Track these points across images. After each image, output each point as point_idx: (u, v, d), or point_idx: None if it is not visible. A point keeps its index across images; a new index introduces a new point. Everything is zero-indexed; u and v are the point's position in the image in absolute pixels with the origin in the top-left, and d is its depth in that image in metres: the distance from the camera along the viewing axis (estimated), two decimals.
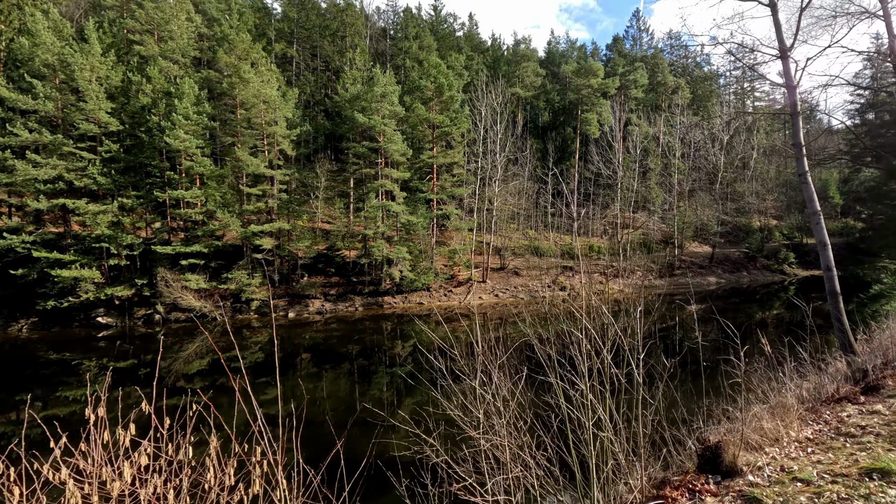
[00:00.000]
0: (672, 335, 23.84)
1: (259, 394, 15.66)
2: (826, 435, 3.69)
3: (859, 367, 9.33)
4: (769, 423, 3.67)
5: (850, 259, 30.87)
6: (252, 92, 27.54)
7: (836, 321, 11.40)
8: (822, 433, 3.75)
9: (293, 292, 30.24)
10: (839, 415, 4.22)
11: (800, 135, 11.81)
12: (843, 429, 3.76)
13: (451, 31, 52.55)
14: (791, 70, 11.98)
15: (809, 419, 4.19)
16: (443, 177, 32.89)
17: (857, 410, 4.26)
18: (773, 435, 3.58)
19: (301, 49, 40.95)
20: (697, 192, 46.90)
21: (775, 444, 3.50)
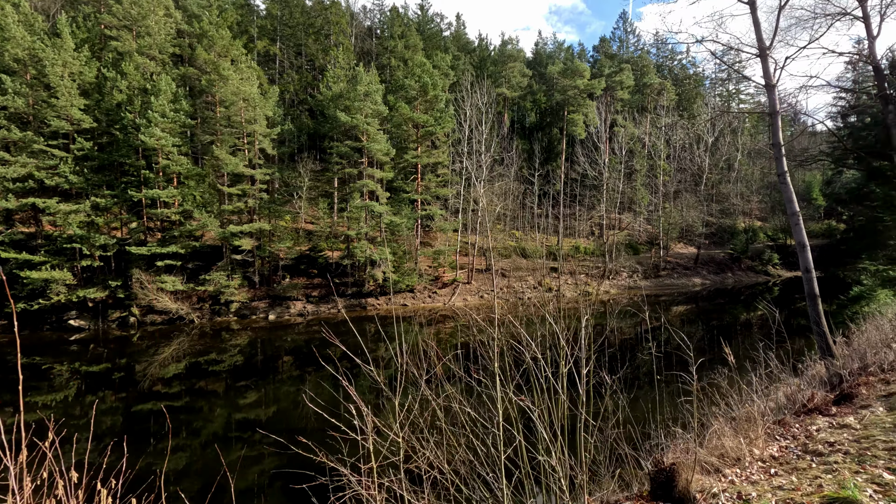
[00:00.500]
0: (646, 340, 23.67)
1: (238, 397, 15.14)
2: (793, 453, 3.40)
3: (837, 371, 9.13)
4: (731, 440, 3.38)
5: (831, 260, 31.07)
6: (231, 89, 26.96)
7: (814, 324, 11.23)
8: (789, 450, 3.46)
9: (274, 294, 29.68)
10: (809, 428, 3.94)
11: (779, 135, 11.64)
12: (811, 445, 3.48)
13: (437, 31, 52.24)
14: (770, 69, 11.81)
15: (777, 433, 3.91)
16: (427, 177, 32.53)
17: (828, 423, 3.99)
18: (735, 454, 3.29)
19: (285, 47, 40.34)
20: (683, 193, 47.06)
21: (736, 465, 3.20)
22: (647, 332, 24.44)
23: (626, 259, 40.90)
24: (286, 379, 18.43)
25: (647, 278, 40.22)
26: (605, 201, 40.16)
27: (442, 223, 32.75)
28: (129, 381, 18.18)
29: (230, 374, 18.79)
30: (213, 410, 14.77)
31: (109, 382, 18.13)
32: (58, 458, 2.34)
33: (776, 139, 11.66)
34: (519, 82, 47.28)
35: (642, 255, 44.13)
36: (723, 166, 50.80)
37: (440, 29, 52.73)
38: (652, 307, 34.05)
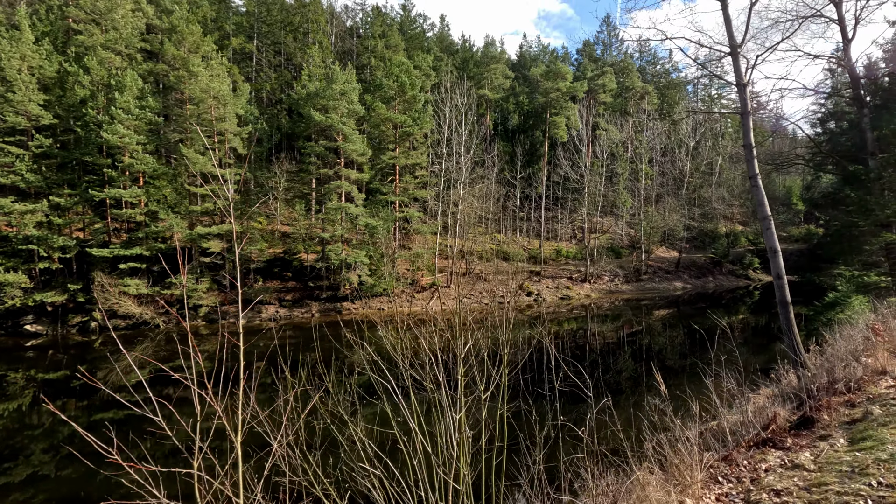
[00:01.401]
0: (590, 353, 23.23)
1: (206, 405, 14.39)
2: (732, 503, 2.86)
3: (806, 384, 8.67)
4: (659, 490, 2.81)
5: (808, 265, 31.08)
6: (201, 86, 26.08)
7: (786, 333, 10.81)
8: (730, 499, 2.92)
9: (245, 298, 28.74)
10: (757, 467, 3.41)
11: (750, 135, 11.23)
12: (755, 494, 2.94)
13: (421, 32, 51.71)
14: (742, 68, 11.41)
15: (721, 474, 3.37)
16: (405, 178, 31.88)
17: (780, 461, 3.46)
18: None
19: (263, 45, 39.47)
20: (665, 197, 47.03)
21: None
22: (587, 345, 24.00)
23: (606, 263, 40.65)
24: (258, 386, 17.69)
25: (628, 282, 39.99)
26: (587, 205, 39.86)
27: (419, 226, 32.12)
28: (89, 389, 17.45)
29: (198, 382, 18.07)
30: (180, 418, 14.12)
31: (68, 390, 17.39)
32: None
33: (747, 140, 11.25)
34: (501, 84, 46.90)
35: (624, 259, 43.94)
36: (704, 170, 50.95)
37: (423, 30, 52.22)
38: (633, 311, 33.80)
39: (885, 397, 4.54)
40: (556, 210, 46.21)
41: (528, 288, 35.82)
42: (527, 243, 43.98)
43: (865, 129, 16.82)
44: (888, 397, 4.52)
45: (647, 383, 15.62)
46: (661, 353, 21.03)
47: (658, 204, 46.54)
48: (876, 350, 6.17)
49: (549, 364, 19.55)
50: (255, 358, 20.11)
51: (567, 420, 4.89)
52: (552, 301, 35.60)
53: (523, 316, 31.68)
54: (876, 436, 3.46)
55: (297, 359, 20.98)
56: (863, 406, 4.41)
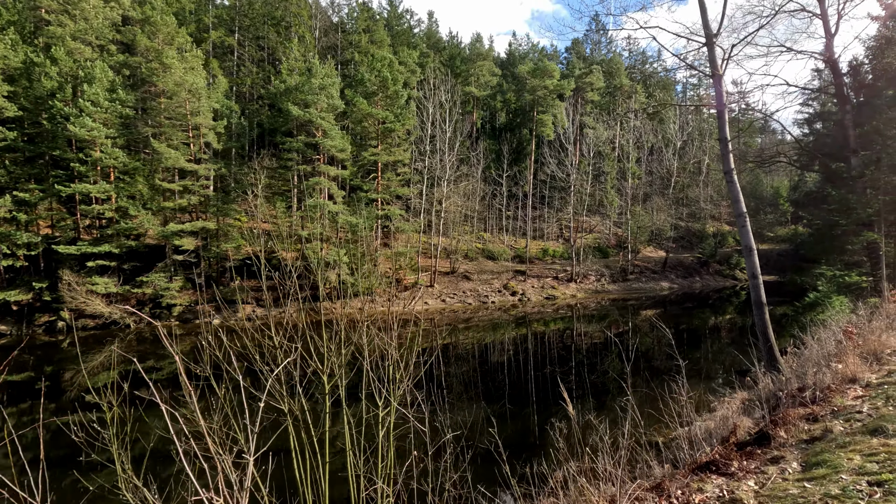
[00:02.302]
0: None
1: (179, 407, 13.65)
2: None
3: (776, 391, 8.22)
4: None
5: (791, 265, 30.88)
6: (175, 79, 25.31)
7: (760, 334, 10.38)
8: None
9: (220, 296, 27.98)
10: (690, 500, 2.92)
11: (725, 129, 10.78)
12: None
13: (408, 29, 51.09)
14: (717, 59, 10.95)
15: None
16: (387, 175, 31.26)
17: (718, 492, 2.96)
18: None
19: (245, 39, 38.64)
20: (652, 196, 46.78)
21: None
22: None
23: (592, 262, 40.28)
24: (232, 388, 17.10)
25: (614, 282, 39.65)
26: (574, 203, 39.46)
27: (401, 224, 31.52)
28: (55, 391, 16.84)
29: (171, 382, 17.49)
30: (150, 422, 13.57)
31: (33, 392, 16.73)
32: None
33: (723, 134, 10.80)
34: (488, 81, 46.41)
35: (611, 259, 43.63)
36: (691, 170, 50.79)
37: (411, 26, 51.60)
38: (620, 311, 33.43)
39: (850, 410, 4.06)
40: (543, 209, 45.79)
41: (513, 287, 35.35)
42: (514, 242, 43.54)
43: (848, 127, 16.48)
44: (853, 410, 4.04)
45: (614, 392, 15.17)
46: (647, 355, 20.62)
47: (645, 203, 46.29)
48: (847, 355, 5.71)
49: (529, 366, 19.07)
50: (232, 358, 19.23)
51: (497, 435, 4.36)
52: (537, 301, 35.15)
53: (508, 316, 31.21)
54: (832, 461, 2.98)
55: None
56: (825, 421, 3.94)
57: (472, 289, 34.58)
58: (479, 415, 11.67)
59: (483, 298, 33.80)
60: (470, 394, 15.03)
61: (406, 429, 3.94)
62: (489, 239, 42.98)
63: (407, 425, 3.89)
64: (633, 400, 4.02)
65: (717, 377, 14.30)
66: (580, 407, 13.26)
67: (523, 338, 24.69)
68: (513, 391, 15.38)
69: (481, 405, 13.50)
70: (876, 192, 14.86)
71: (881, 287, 15.18)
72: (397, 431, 4.00)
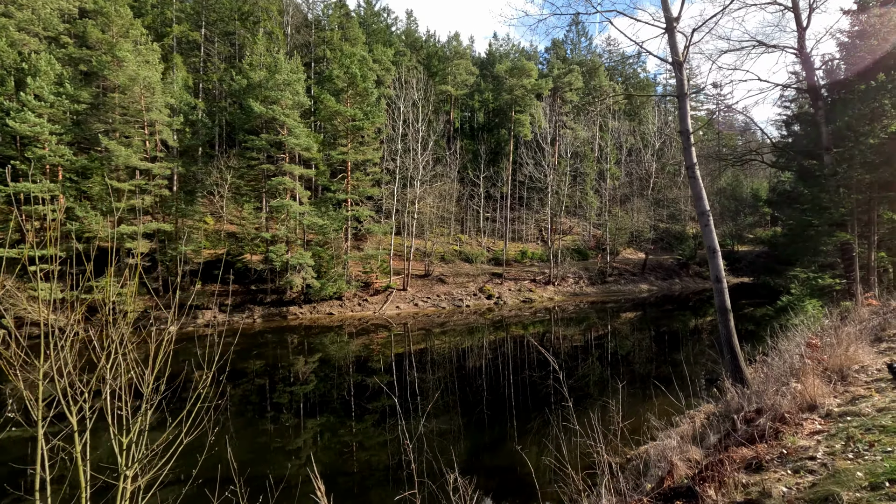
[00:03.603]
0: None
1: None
2: None
3: (738, 406, 7.38)
4: None
5: (764, 267, 30.46)
6: (128, 74, 23.99)
7: (725, 343, 9.55)
8: None
9: (180, 302, 26.61)
10: None
11: (687, 120, 9.96)
12: None
13: (385, 27, 50.09)
14: (678, 45, 10.15)
15: None
16: (356, 175, 30.17)
17: None
18: None
19: (213, 35, 37.29)
20: (632, 198, 46.35)
21: None
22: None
23: (570, 264, 39.59)
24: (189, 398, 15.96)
25: (593, 284, 39.00)
26: (551, 205, 38.76)
27: (371, 225, 30.43)
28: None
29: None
30: (100, 437, 12.42)
31: None
32: None
33: (684, 126, 9.98)
34: (465, 80, 45.61)
35: (590, 261, 43.03)
36: (670, 171, 50.51)
37: (388, 24, 50.61)
38: (598, 314, 32.72)
39: (801, 455, 3.22)
40: (521, 210, 45.06)
41: (489, 291, 34.46)
42: (492, 244, 42.70)
43: (821, 123, 15.88)
44: (805, 455, 3.19)
45: (594, 396, 14.32)
46: (628, 358, 19.84)
47: (625, 205, 45.82)
48: (807, 375, 4.87)
49: (506, 371, 18.12)
50: (192, 367, 17.68)
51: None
52: (513, 304, 34.31)
53: (484, 320, 30.30)
54: None
55: (237, 367, 19.31)
56: (769, 470, 3.08)
57: (447, 292, 33.61)
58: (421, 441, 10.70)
59: (458, 302, 32.85)
60: (435, 403, 14.04)
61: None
62: (467, 241, 42.08)
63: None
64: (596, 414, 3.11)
65: (692, 383, 13.53)
66: (557, 415, 12.37)
67: (499, 342, 23.78)
68: (473, 403, 14.42)
69: (436, 422, 12.53)
70: (849, 191, 14.25)
71: (855, 290, 14.56)
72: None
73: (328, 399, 15.61)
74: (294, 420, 13.58)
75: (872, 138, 13.41)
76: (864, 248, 15.61)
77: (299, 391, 16.57)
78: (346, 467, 10.51)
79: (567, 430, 6.58)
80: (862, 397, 4.15)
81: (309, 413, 14.26)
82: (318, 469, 10.80)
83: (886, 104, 13.84)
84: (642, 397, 14.43)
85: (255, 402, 15.48)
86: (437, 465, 9.25)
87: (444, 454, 10.17)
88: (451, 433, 11.69)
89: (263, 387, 17.12)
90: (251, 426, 13.04)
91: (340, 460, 10.91)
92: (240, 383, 17.32)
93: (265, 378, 18.10)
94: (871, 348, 6.38)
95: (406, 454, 2.97)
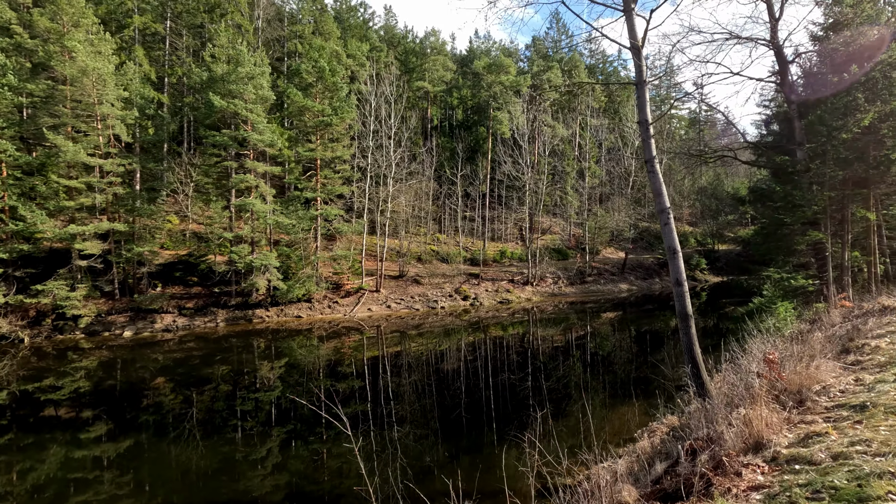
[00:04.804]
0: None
1: (82, 430, 11.15)
2: None
3: (688, 431, 6.62)
4: None
5: (738, 267, 30.09)
6: (78, 65, 22.65)
7: (686, 352, 8.78)
8: None
9: (136, 306, 25.36)
10: None
11: (646, 110, 9.17)
12: None
13: (363, 22, 48.95)
14: (636, 28, 9.36)
15: None
16: (324, 172, 29.09)
17: None
18: None
19: (180, 27, 35.85)
20: (612, 196, 45.88)
21: None
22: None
23: (548, 264, 38.94)
24: (149, 406, 15.04)
25: (572, 284, 38.39)
26: (529, 204, 38.05)
27: (340, 224, 29.39)
28: None
29: (75, 403, 15.18)
30: (46, 448, 11.71)
31: None
32: None
33: (643, 116, 9.19)
34: (442, 76, 44.69)
35: (569, 261, 42.45)
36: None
37: (365, 20, 49.48)
38: (578, 315, 32.03)
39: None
40: (500, 210, 44.31)
41: (465, 292, 33.62)
42: (471, 244, 41.87)
43: (793, 118, 15.29)
44: None
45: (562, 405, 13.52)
46: (601, 362, 19.11)
47: (605, 203, 45.33)
48: (757, 402, 4.08)
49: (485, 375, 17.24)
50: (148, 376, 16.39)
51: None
52: (490, 305, 33.51)
53: (460, 322, 29.43)
54: None
55: (197, 375, 18.21)
56: None
57: (422, 293, 32.69)
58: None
59: (432, 304, 31.95)
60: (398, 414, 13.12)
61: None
62: (445, 240, 41.19)
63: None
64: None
65: (663, 391, 12.82)
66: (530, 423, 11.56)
67: (475, 345, 22.94)
68: (445, 412, 13.54)
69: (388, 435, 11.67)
70: (822, 188, 13.64)
71: (828, 291, 13.97)
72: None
73: (295, 405, 14.79)
74: (260, 428, 12.88)
75: (845, 133, 12.81)
76: (838, 247, 15.06)
77: (265, 398, 15.67)
78: (315, 476, 10.05)
79: (529, 445, 5.89)
80: (816, 435, 3.37)
81: (275, 421, 13.55)
82: (281, 481, 9.69)
83: (860, 97, 13.26)
84: (619, 402, 13.78)
85: (218, 409, 14.65)
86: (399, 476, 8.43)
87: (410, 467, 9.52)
88: (408, 447, 10.82)
89: (230, 393, 16.21)
90: (214, 435, 12.32)
91: (310, 469, 10.40)
92: (204, 390, 16.42)
93: (230, 384, 17.12)
94: (835, 362, 5.65)
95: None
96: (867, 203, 14.90)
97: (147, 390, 16.54)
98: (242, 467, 10.46)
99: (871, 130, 13.56)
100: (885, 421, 3.33)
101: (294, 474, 10.17)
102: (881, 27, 14.19)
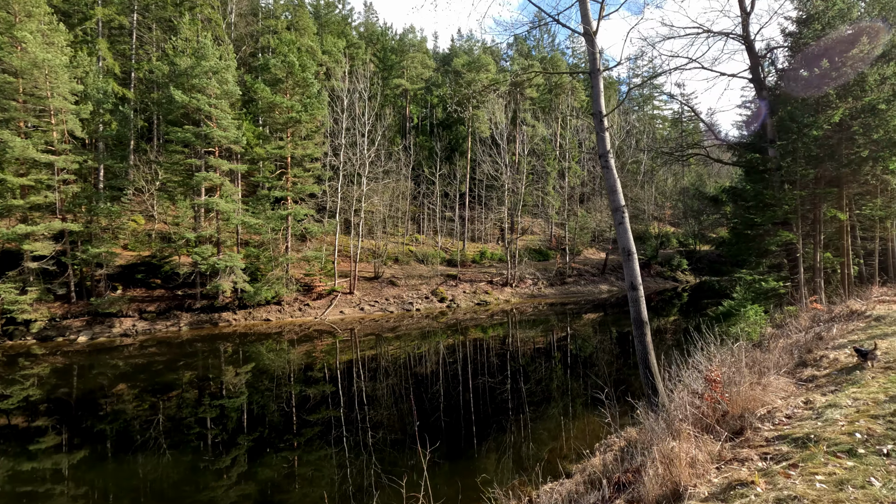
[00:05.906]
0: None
1: (32, 441, 9.91)
2: None
3: (645, 442, 6.00)
4: None
5: (719, 268, 29.77)
6: (30, 57, 21.52)
7: (641, 362, 8.13)
8: None
9: (94, 309, 24.22)
10: None
11: (600, 101, 8.52)
12: None
13: (341, 18, 48.03)
14: (589, 13, 8.72)
15: None
16: (294, 171, 28.18)
17: None
18: None
19: (148, 20, 34.67)
20: (593, 197, 45.51)
21: None
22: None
23: (527, 265, 38.39)
24: (107, 415, 14.12)
25: (552, 286, 37.86)
26: (508, 204, 37.46)
27: (310, 224, 28.49)
28: None
29: (24, 412, 14.29)
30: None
31: None
32: None
33: (597, 107, 8.54)
34: (420, 74, 43.97)
35: (549, 262, 41.96)
36: (630, 169, 49.95)
37: (343, 15, 48.56)
38: (558, 316, 31.47)
39: None
40: (480, 210, 43.67)
41: (442, 294, 32.89)
42: (450, 244, 41.17)
43: (764, 114, 14.83)
44: None
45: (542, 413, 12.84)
46: (580, 364, 18.51)
47: (587, 203, 44.94)
48: (684, 436, 3.41)
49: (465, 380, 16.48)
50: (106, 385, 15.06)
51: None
52: (467, 307, 32.83)
53: (437, 324, 28.70)
54: None
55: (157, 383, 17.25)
56: None
57: (397, 295, 31.89)
58: None
59: (407, 306, 31.18)
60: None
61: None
62: (423, 241, 40.44)
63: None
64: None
65: (641, 396, 12.23)
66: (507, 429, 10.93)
67: (448, 349, 22.20)
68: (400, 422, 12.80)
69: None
70: (792, 187, 13.16)
71: (800, 293, 13.50)
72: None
73: (263, 413, 14.04)
74: (225, 436, 12.23)
75: (816, 130, 12.33)
76: (811, 248, 14.62)
77: (230, 404, 14.85)
78: (284, 485, 9.58)
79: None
80: (740, 485, 2.72)
81: (243, 428, 12.87)
82: (248, 490, 8.76)
83: (831, 93, 12.80)
84: (591, 409, 13.19)
85: (182, 416, 13.87)
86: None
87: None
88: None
89: (194, 400, 15.39)
90: (177, 445, 11.68)
91: (279, 478, 9.89)
92: (167, 398, 15.60)
93: (195, 390, 16.26)
94: (788, 378, 5.05)
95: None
96: (839, 203, 14.48)
97: (105, 398, 15.63)
98: (206, 478, 9.91)
99: (842, 127, 13.13)
100: (823, 467, 2.70)
101: (261, 483, 9.67)
102: (853, 22, 13.77)
